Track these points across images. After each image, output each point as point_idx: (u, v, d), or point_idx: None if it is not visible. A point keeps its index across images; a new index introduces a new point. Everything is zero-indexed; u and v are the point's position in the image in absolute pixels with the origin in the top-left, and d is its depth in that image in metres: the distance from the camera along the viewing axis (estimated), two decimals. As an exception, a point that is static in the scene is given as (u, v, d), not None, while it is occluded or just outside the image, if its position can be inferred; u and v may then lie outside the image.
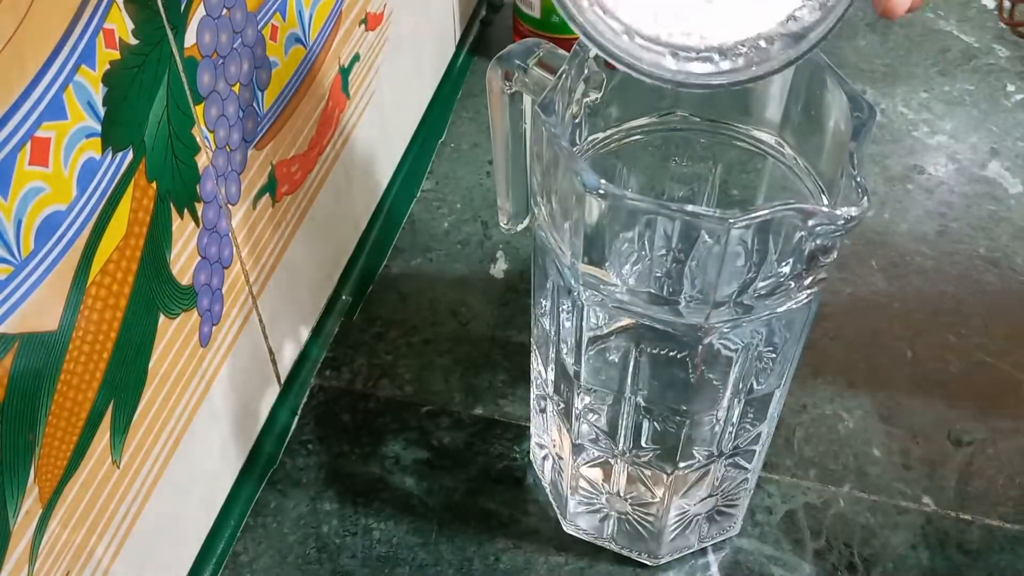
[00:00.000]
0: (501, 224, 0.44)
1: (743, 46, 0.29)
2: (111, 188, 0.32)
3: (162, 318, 0.37)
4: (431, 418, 0.49)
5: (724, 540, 0.44)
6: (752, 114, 0.36)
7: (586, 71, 0.34)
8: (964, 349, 0.52)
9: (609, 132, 0.37)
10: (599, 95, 0.35)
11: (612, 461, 0.40)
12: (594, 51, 0.30)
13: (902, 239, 0.57)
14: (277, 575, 0.44)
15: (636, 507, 0.41)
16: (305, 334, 0.52)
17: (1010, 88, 0.67)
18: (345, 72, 0.50)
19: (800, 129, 0.35)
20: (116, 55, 0.31)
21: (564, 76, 0.33)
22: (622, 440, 0.38)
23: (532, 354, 0.42)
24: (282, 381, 0.49)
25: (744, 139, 0.37)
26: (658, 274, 0.33)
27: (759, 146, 0.36)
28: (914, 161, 0.62)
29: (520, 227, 0.44)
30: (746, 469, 0.40)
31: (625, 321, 0.33)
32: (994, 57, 0.69)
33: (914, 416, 0.49)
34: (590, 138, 0.37)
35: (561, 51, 0.36)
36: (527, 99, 0.39)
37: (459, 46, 0.69)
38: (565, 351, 0.37)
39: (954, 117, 0.65)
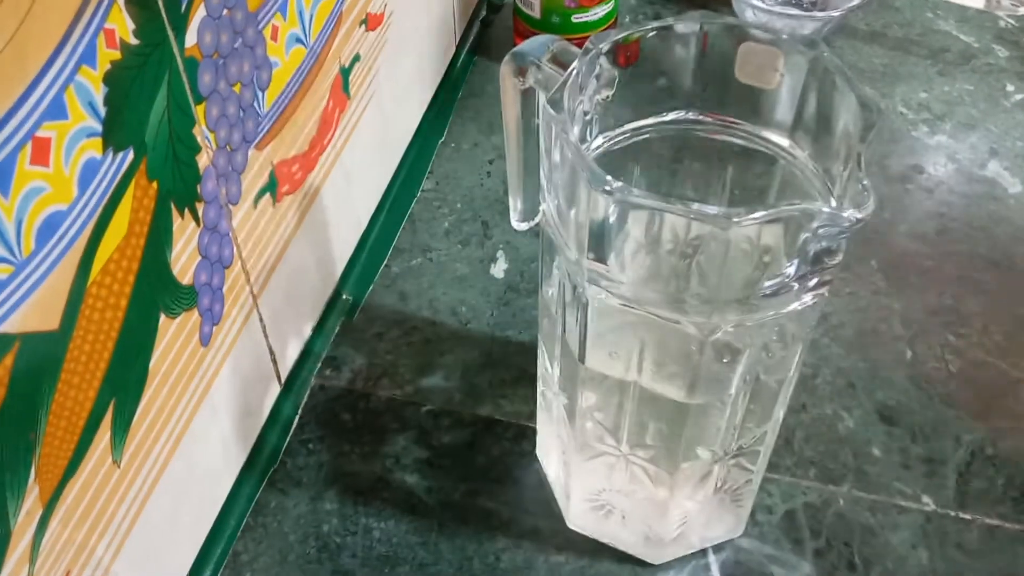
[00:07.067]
0: (512, 221, 0.44)
1: None
2: (112, 188, 0.32)
3: (163, 318, 0.37)
4: (431, 418, 0.49)
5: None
6: (762, 115, 0.36)
7: (598, 68, 0.34)
8: (964, 349, 0.52)
9: (620, 130, 0.37)
10: (611, 92, 0.35)
11: (616, 459, 0.40)
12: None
13: (902, 239, 0.57)
14: (277, 574, 0.44)
15: (639, 506, 0.41)
16: (306, 333, 0.52)
17: (1009, 88, 0.67)
18: (346, 72, 0.50)
19: (810, 130, 0.35)
20: (117, 55, 0.31)
21: (575, 73, 0.33)
22: (626, 438, 0.38)
23: (539, 350, 0.42)
24: (282, 380, 0.49)
25: (755, 139, 0.36)
26: (663, 272, 0.33)
27: (769, 147, 0.36)
28: (914, 161, 0.62)
29: (531, 224, 0.44)
30: (750, 470, 0.40)
31: (631, 317, 0.33)
32: (993, 57, 0.69)
33: (914, 416, 0.49)
34: (601, 135, 0.37)
35: (575, 48, 0.36)
36: (540, 95, 0.38)
37: (459, 46, 0.69)
38: (571, 347, 0.37)
39: (953, 117, 0.65)
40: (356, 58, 0.51)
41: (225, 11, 0.37)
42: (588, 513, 0.43)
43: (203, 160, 0.37)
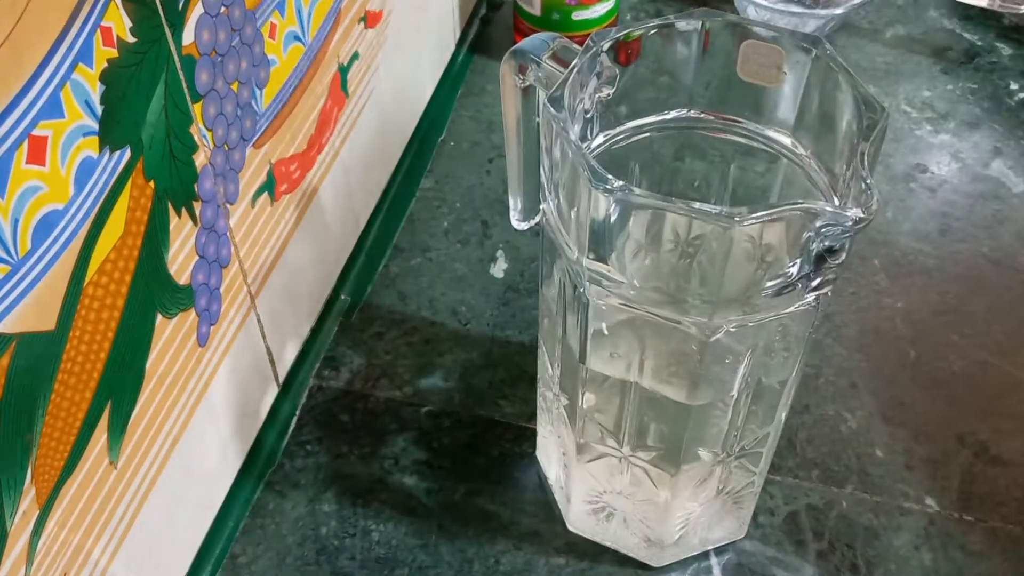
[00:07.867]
0: (512, 220, 0.44)
1: None
2: (108, 187, 0.32)
3: (159, 318, 0.36)
4: (431, 418, 0.49)
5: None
6: (765, 113, 0.36)
7: (599, 66, 0.34)
8: (967, 349, 0.51)
9: (620, 128, 0.37)
10: (612, 91, 0.35)
11: (617, 461, 0.39)
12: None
13: (905, 238, 0.57)
14: (276, 576, 0.43)
15: (640, 508, 0.41)
16: (304, 334, 0.51)
17: (1013, 87, 0.66)
18: (344, 70, 0.50)
19: (813, 129, 0.35)
20: (114, 53, 0.31)
21: (576, 71, 0.33)
22: (627, 439, 0.38)
23: (539, 350, 0.41)
24: (281, 381, 0.49)
25: (757, 138, 0.36)
26: (664, 271, 0.33)
27: (772, 145, 0.36)
28: (917, 160, 0.62)
29: (531, 223, 0.44)
30: (752, 472, 0.40)
31: (632, 317, 0.33)
32: (997, 56, 0.69)
33: (917, 416, 0.49)
34: (601, 134, 0.37)
35: (575, 45, 0.36)
36: (540, 94, 0.38)
37: (459, 44, 0.69)
38: (571, 348, 0.37)
39: (957, 116, 0.64)
40: (355, 56, 0.51)
41: (223, 9, 0.37)
42: (589, 515, 0.43)
43: (200, 159, 0.37)
